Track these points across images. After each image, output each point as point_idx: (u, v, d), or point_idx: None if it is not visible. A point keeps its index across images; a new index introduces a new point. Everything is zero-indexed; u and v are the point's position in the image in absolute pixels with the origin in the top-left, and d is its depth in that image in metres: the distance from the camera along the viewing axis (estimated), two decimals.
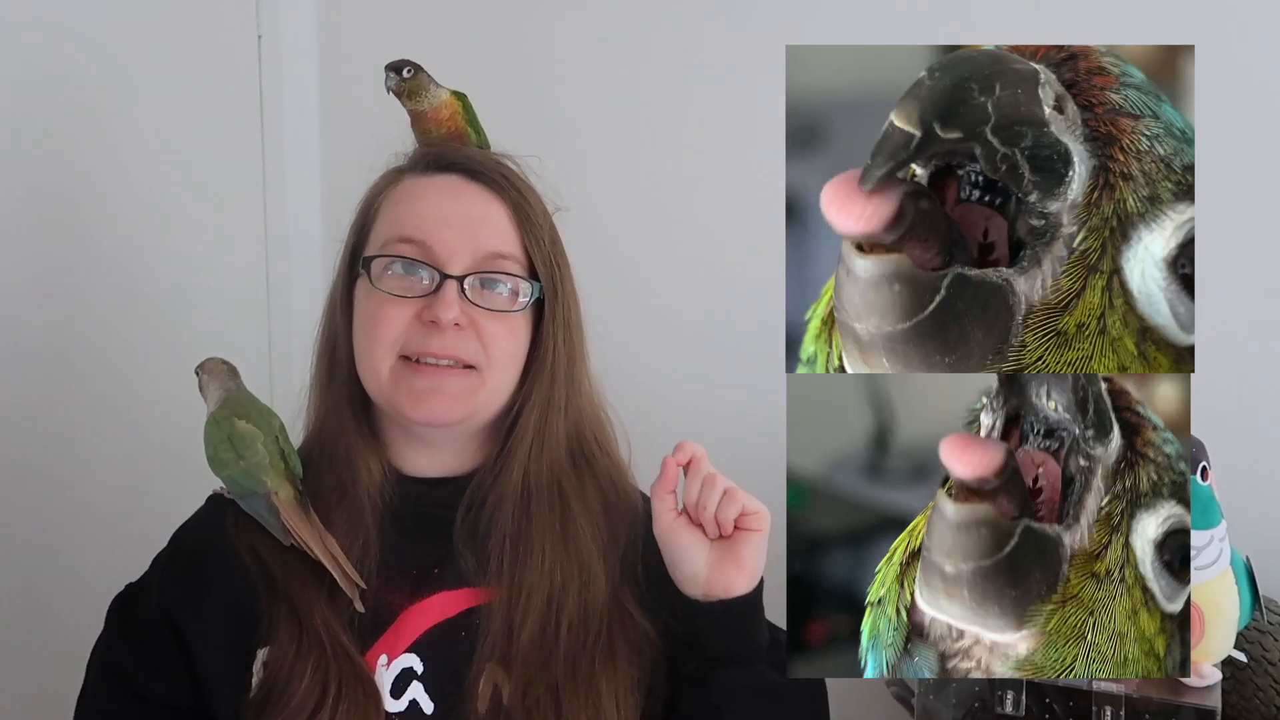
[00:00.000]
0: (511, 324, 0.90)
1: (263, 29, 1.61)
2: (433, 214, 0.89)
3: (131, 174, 1.48)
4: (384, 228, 0.91)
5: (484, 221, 0.90)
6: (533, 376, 0.92)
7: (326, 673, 0.84)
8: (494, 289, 0.89)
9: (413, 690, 0.86)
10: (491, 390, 0.90)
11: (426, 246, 0.88)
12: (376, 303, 0.88)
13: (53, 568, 1.43)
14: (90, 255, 1.45)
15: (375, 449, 0.92)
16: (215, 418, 0.91)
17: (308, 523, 0.88)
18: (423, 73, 0.98)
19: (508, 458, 0.92)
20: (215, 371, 0.94)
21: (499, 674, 0.86)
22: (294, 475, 0.90)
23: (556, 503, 0.91)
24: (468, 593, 0.90)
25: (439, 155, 0.94)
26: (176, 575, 0.92)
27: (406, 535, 0.91)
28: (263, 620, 0.87)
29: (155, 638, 0.89)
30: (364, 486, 0.90)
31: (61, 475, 1.43)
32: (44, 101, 1.38)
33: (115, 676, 0.91)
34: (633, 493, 0.96)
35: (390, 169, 0.96)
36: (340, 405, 0.93)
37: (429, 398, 0.87)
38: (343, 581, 0.86)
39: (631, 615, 0.90)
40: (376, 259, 0.89)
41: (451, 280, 0.87)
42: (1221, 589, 1.04)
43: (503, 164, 0.94)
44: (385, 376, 0.88)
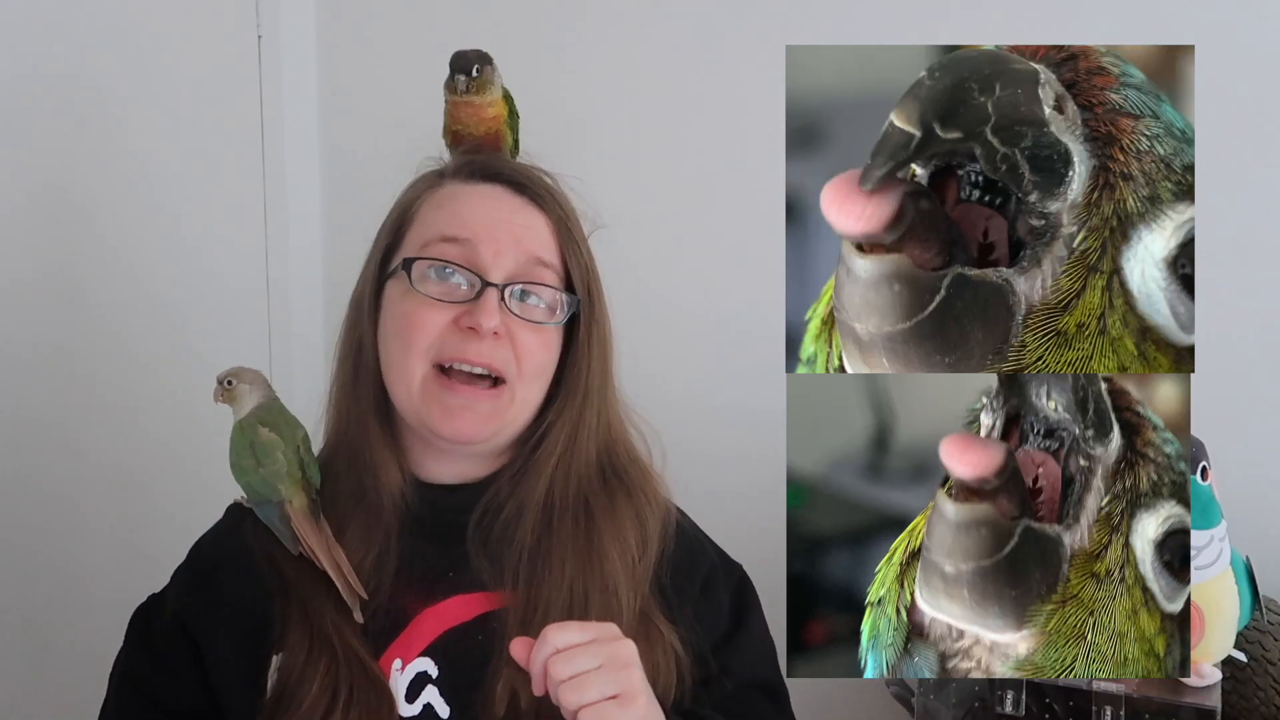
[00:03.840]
0: (545, 337, 0.90)
1: (263, 29, 1.61)
2: (477, 217, 0.89)
3: (132, 174, 1.48)
4: (425, 229, 0.90)
5: (528, 229, 0.90)
6: (565, 393, 0.91)
7: (338, 677, 0.83)
8: (532, 301, 0.89)
9: (427, 694, 0.86)
10: (520, 404, 0.89)
11: (471, 245, 0.87)
12: (413, 305, 0.88)
13: (50, 570, 1.43)
14: (90, 255, 1.45)
15: (395, 456, 0.91)
16: (241, 424, 0.92)
17: (317, 532, 0.88)
18: (489, 66, 0.95)
19: (531, 470, 0.91)
20: (256, 380, 0.93)
21: (518, 679, 0.83)
22: (310, 485, 0.90)
23: (582, 520, 0.90)
24: (484, 597, 0.89)
25: (484, 164, 0.94)
26: (192, 584, 0.92)
27: (423, 539, 0.90)
28: (276, 626, 0.87)
29: (172, 646, 0.90)
30: (383, 492, 0.90)
31: (59, 476, 1.43)
32: (44, 102, 1.39)
33: (133, 685, 0.92)
34: (666, 503, 0.95)
35: (428, 173, 0.95)
36: (364, 411, 0.92)
37: (459, 415, 0.87)
38: (345, 592, 0.86)
39: (658, 628, 0.89)
40: (418, 260, 0.88)
41: (493, 288, 0.86)
42: (1221, 589, 1.04)
43: (545, 178, 0.94)
44: (417, 387, 0.87)
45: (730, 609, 0.95)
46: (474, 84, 0.94)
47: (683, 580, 0.93)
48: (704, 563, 0.96)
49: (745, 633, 0.95)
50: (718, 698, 0.91)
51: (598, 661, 0.75)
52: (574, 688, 0.73)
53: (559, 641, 0.74)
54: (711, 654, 0.91)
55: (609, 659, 0.75)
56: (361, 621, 0.86)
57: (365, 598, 0.87)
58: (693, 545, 0.96)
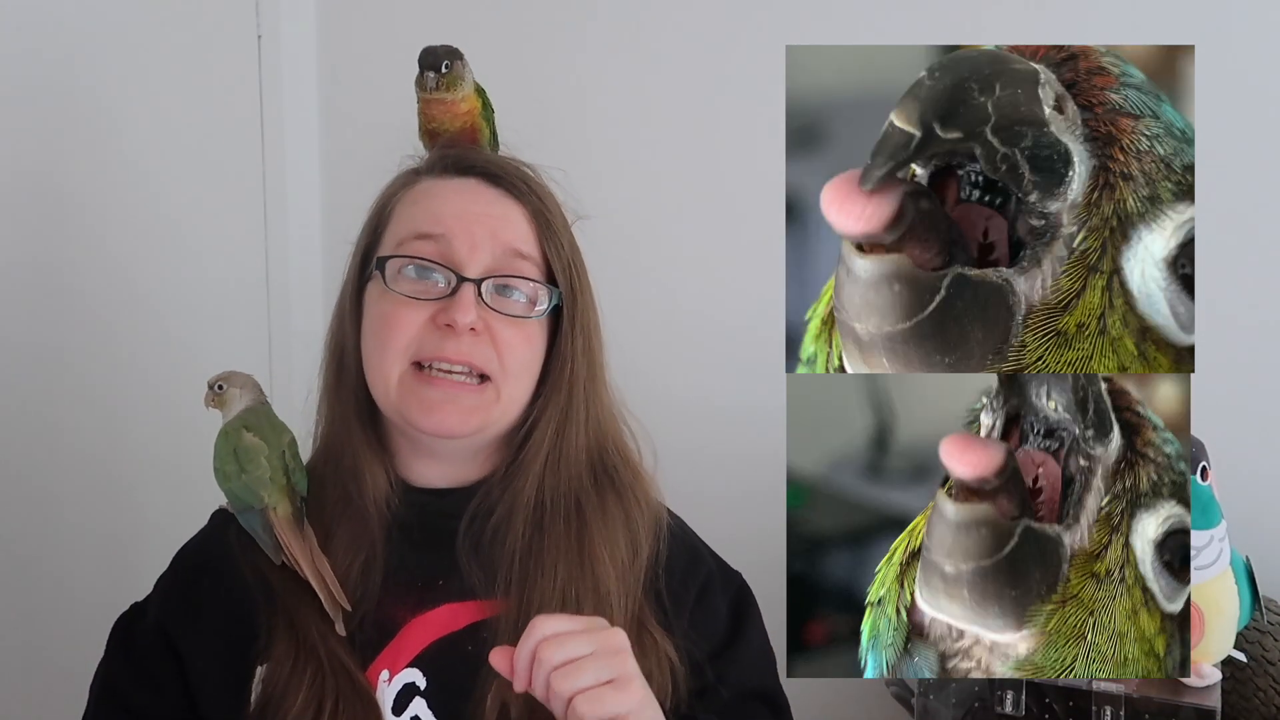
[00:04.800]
0: (527, 332, 0.88)
1: (263, 29, 1.61)
2: (451, 211, 0.88)
3: (131, 174, 1.48)
4: (400, 227, 0.89)
5: (504, 220, 0.88)
6: (549, 388, 0.90)
7: (323, 688, 0.82)
8: (511, 295, 0.87)
9: (415, 706, 0.84)
10: (506, 402, 0.88)
11: (446, 241, 0.86)
12: (389, 305, 0.86)
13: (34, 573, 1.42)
14: (90, 255, 1.45)
15: (381, 459, 0.90)
16: (226, 429, 0.91)
17: (300, 541, 0.86)
18: (459, 61, 0.94)
19: (519, 470, 0.89)
20: (246, 385, 0.92)
21: (508, 690, 0.81)
22: (295, 492, 0.89)
23: (574, 519, 0.89)
24: (474, 605, 0.87)
25: (458, 158, 0.92)
26: (176, 592, 0.91)
27: (411, 546, 0.89)
28: (261, 635, 0.85)
29: (153, 655, 0.88)
30: (369, 497, 0.88)
31: (50, 478, 1.43)
32: (43, 101, 1.39)
33: (113, 696, 0.90)
34: (657, 506, 0.94)
35: (405, 171, 0.94)
36: (347, 414, 0.90)
37: (440, 408, 0.85)
38: (327, 603, 0.84)
39: (652, 635, 0.87)
40: (392, 259, 0.87)
41: (469, 283, 0.85)
42: (1221, 589, 1.04)
43: (522, 169, 0.93)
44: (394, 385, 0.86)
45: (728, 618, 0.94)
46: (443, 80, 0.93)
47: (678, 587, 0.91)
48: (700, 570, 0.94)
49: (743, 642, 0.93)
50: (716, 707, 0.89)
51: (590, 648, 0.73)
52: (567, 674, 0.71)
53: (548, 629, 0.73)
54: (708, 663, 0.90)
55: (601, 646, 0.74)
56: (344, 634, 0.84)
57: (349, 609, 0.85)
58: (689, 551, 0.95)
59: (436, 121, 0.95)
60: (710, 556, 0.97)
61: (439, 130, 0.96)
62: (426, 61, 0.94)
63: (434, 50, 0.94)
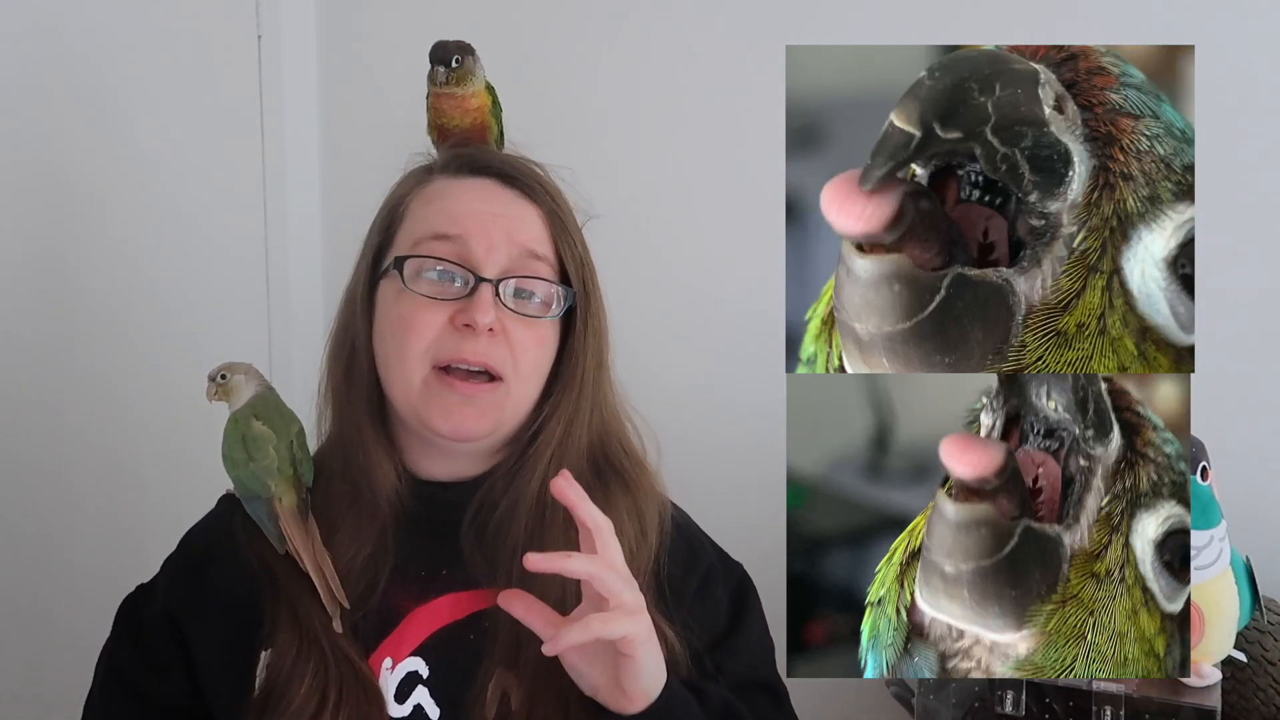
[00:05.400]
0: (540, 333, 0.88)
1: (263, 29, 1.62)
2: (467, 212, 0.88)
3: (132, 173, 1.48)
4: (415, 226, 0.89)
5: (520, 221, 0.89)
6: (560, 387, 0.90)
7: (326, 676, 0.83)
8: (528, 297, 0.88)
9: (417, 695, 0.85)
10: (517, 401, 0.88)
11: (463, 241, 0.86)
12: (408, 306, 0.86)
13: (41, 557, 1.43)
14: (91, 256, 1.46)
15: (391, 455, 0.90)
16: (235, 417, 0.91)
17: (303, 533, 0.87)
18: (470, 56, 0.94)
19: (525, 465, 0.90)
20: (249, 372, 0.92)
21: (509, 680, 0.83)
22: (301, 483, 0.89)
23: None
24: (477, 595, 0.88)
25: (472, 158, 0.92)
26: (182, 575, 0.92)
27: (417, 537, 0.89)
28: (265, 622, 0.86)
29: (158, 638, 0.89)
30: (379, 492, 0.89)
31: (55, 466, 1.43)
32: (45, 101, 1.39)
33: (118, 677, 0.91)
34: (661, 498, 0.94)
35: (417, 169, 0.94)
36: (359, 415, 0.90)
37: (459, 411, 0.85)
38: (325, 598, 0.85)
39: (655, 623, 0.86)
40: (410, 258, 0.87)
41: (487, 284, 0.85)
42: (1221, 589, 1.04)
43: (535, 169, 0.93)
44: (417, 388, 0.86)
45: (729, 608, 0.94)
46: (454, 75, 0.93)
47: (680, 578, 0.91)
48: (702, 561, 0.95)
49: (743, 633, 0.94)
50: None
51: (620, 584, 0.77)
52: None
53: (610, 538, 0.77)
54: (708, 653, 0.90)
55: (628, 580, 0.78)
56: (340, 631, 0.85)
57: (347, 606, 0.85)
58: (691, 543, 0.95)
59: (446, 116, 0.95)
60: (712, 548, 0.97)
61: (448, 125, 0.96)
62: (437, 56, 0.94)
63: (445, 45, 0.94)
